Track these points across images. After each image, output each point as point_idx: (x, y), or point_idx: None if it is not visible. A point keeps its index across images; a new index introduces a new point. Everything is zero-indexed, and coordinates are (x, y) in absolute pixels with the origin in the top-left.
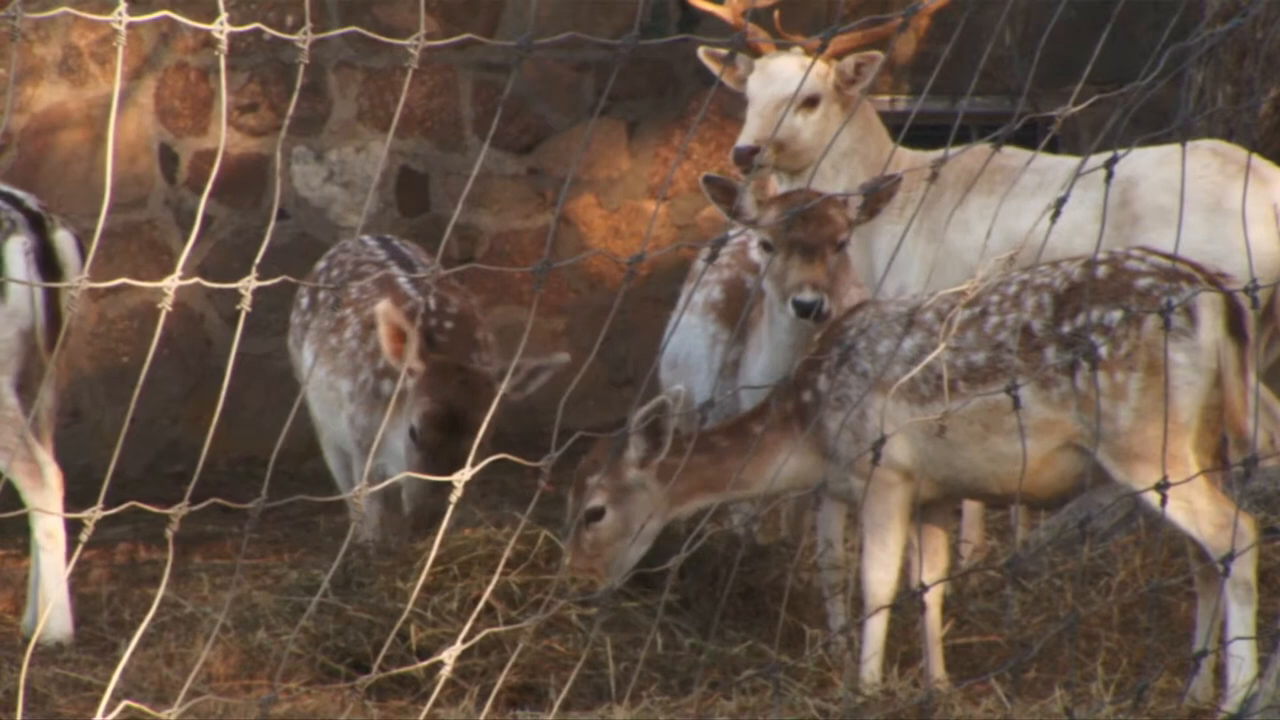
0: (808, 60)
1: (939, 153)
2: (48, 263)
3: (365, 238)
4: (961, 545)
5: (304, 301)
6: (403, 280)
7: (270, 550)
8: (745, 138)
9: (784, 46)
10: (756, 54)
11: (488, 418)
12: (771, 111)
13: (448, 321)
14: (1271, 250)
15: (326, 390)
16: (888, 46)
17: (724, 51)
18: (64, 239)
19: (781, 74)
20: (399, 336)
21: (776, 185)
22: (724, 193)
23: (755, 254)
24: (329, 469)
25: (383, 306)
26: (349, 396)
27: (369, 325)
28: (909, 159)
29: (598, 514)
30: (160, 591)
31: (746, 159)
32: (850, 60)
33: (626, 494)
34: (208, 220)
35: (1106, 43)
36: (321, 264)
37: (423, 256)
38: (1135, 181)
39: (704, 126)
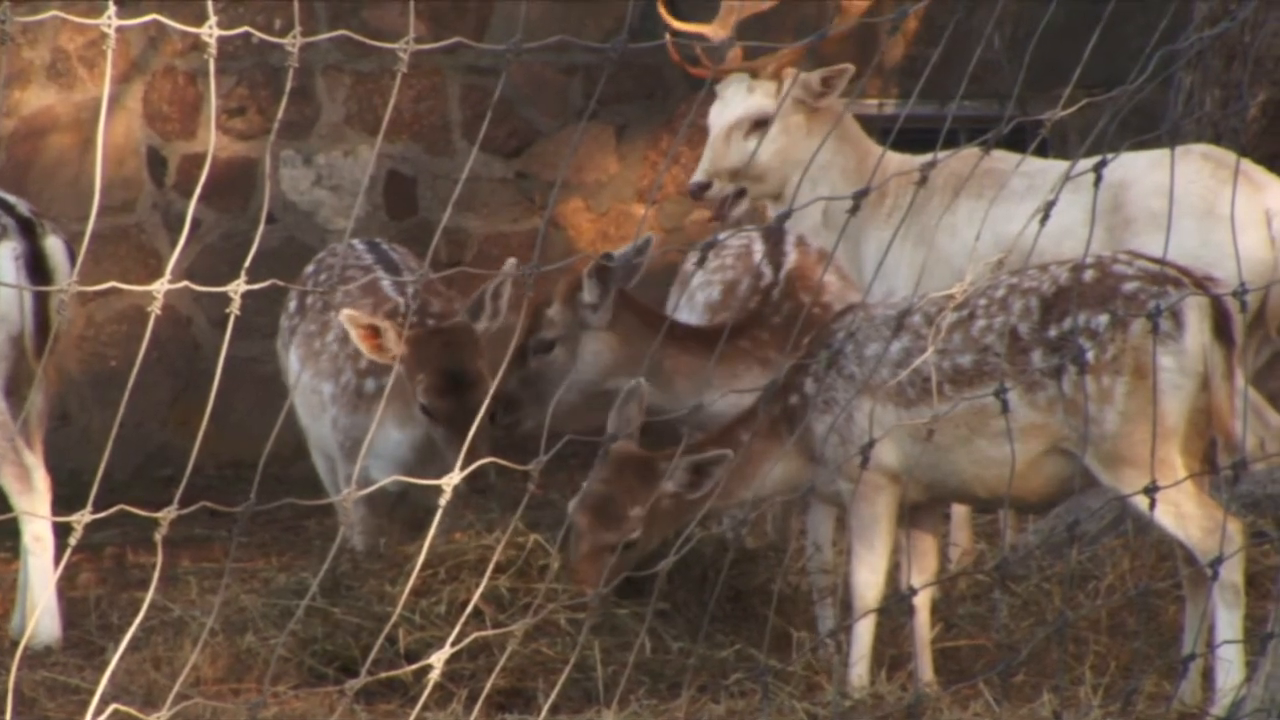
0: (758, 83)
1: (928, 156)
2: (38, 268)
3: (354, 241)
4: (950, 549)
5: (292, 305)
6: (386, 283)
7: (259, 554)
8: (697, 173)
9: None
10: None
11: (485, 361)
12: (722, 141)
13: (429, 320)
14: (1263, 256)
15: (310, 394)
16: (876, 53)
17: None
18: (54, 245)
19: (731, 100)
20: (372, 334)
21: (769, 210)
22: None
23: (758, 256)
24: (317, 473)
25: (344, 315)
26: (331, 399)
27: None
28: (896, 163)
29: (632, 545)
30: (149, 595)
31: (700, 194)
32: (815, 75)
33: (654, 520)
34: (196, 224)
35: (1095, 46)
36: (310, 268)
37: (411, 260)
38: (1127, 185)
39: (692, 130)
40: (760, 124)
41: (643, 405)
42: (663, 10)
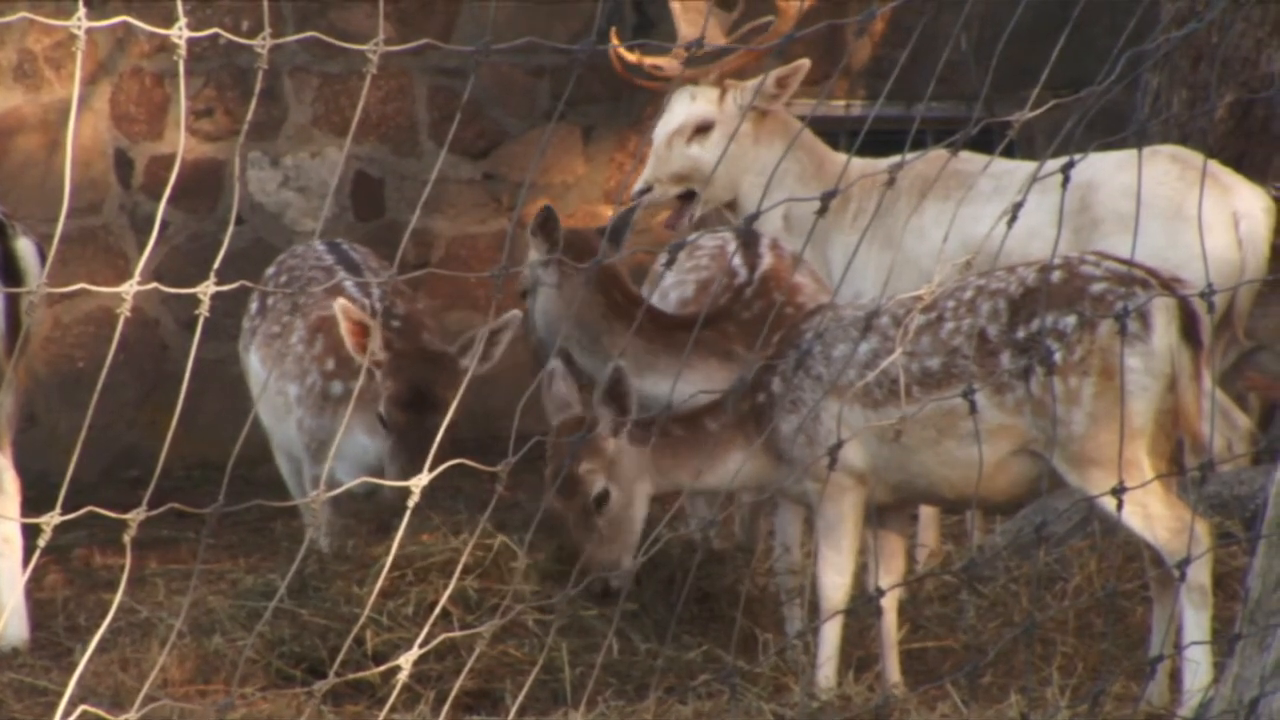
0: (700, 90)
1: (895, 159)
2: (8, 270)
3: (315, 242)
4: (917, 550)
5: (254, 306)
6: (350, 285)
7: (226, 555)
8: (638, 180)
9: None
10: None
11: (456, 396)
12: (664, 148)
13: (394, 322)
14: (1230, 257)
15: (274, 395)
16: (843, 55)
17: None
18: (25, 247)
19: (674, 109)
20: (361, 331)
21: (731, 220)
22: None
23: (733, 257)
24: (282, 474)
25: (340, 303)
26: (297, 400)
27: (315, 329)
28: (858, 168)
29: (604, 497)
30: (116, 597)
31: (642, 205)
32: (770, 76)
33: (615, 466)
34: (164, 225)
35: (1063, 47)
36: (271, 269)
37: (372, 260)
38: (1095, 187)
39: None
40: (702, 129)
41: (630, 384)
42: (614, 38)
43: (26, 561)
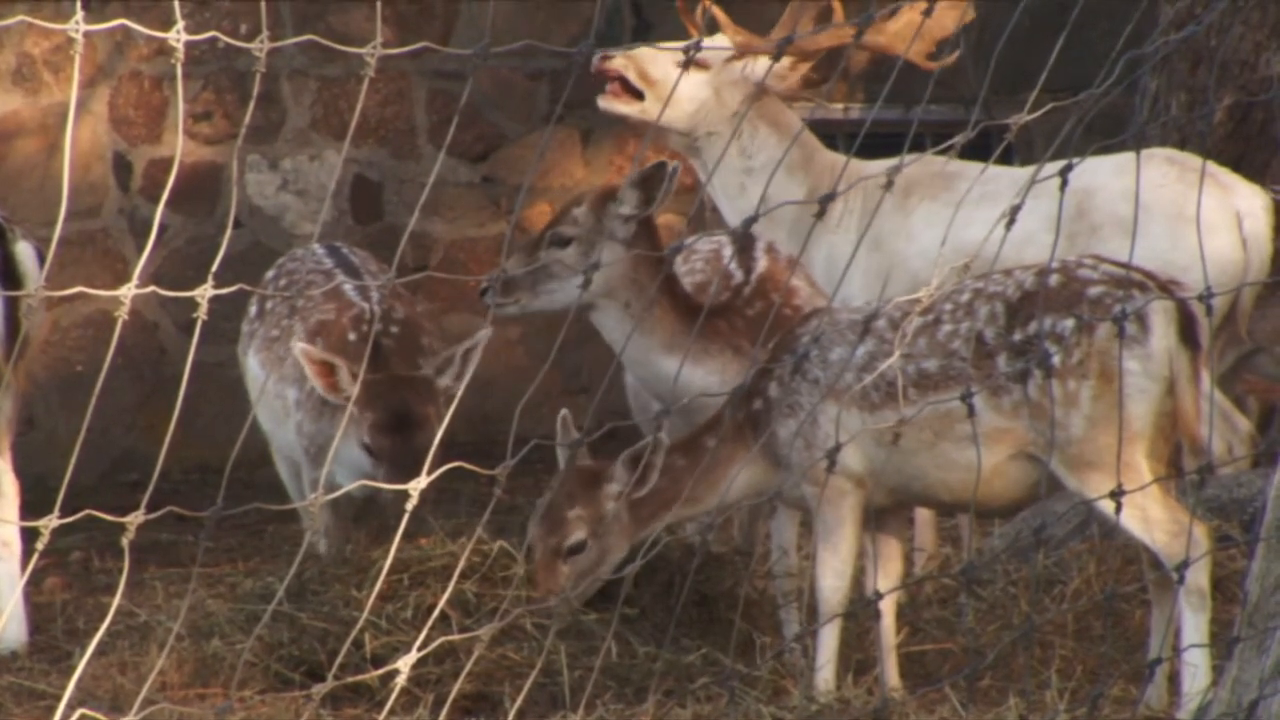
0: (718, 39)
1: (891, 161)
2: (8, 273)
3: (314, 246)
4: (915, 553)
5: (252, 310)
6: (349, 288)
7: (224, 559)
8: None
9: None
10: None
11: (445, 419)
12: (651, 49)
13: (393, 327)
14: (1235, 256)
15: (274, 399)
16: (842, 57)
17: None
18: (25, 250)
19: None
20: (327, 371)
21: (698, 170)
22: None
23: (728, 260)
24: (281, 478)
25: (299, 349)
26: (296, 404)
27: (315, 333)
28: (849, 169)
29: (579, 548)
30: (115, 600)
31: (599, 62)
32: (788, 60)
33: (604, 525)
34: (162, 229)
35: (1061, 50)
36: (271, 273)
37: (371, 264)
38: (1093, 192)
39: (657, 136)
40: (697, 64)
41: (660, 457)
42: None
43: (25, 565)
